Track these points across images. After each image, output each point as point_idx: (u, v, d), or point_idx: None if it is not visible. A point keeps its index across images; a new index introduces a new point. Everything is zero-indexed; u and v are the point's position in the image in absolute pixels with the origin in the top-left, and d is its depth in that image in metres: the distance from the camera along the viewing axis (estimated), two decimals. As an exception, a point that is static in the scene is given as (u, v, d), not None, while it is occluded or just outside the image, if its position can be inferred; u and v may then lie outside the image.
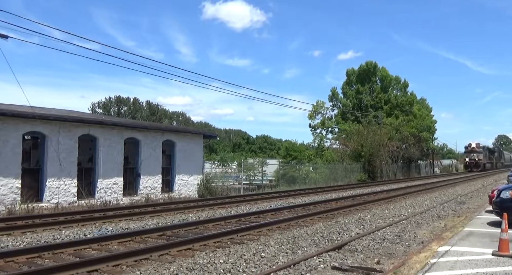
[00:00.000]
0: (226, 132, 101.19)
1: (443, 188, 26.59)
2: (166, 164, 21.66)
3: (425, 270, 6.53)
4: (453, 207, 16.13)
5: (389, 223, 11.74)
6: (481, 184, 30.68)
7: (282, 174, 35.06)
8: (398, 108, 55.69)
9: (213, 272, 6.61)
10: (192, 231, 10.44)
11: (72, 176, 16.78)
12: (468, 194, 21.85)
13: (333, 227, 10.93)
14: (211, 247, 8.57)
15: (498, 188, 12.29)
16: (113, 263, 7.04)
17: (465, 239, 9.09)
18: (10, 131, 14.92)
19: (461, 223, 11.69)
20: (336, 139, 49.92)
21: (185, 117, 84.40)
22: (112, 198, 18.18)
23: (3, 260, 7.19)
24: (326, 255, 7.64)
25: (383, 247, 8.63)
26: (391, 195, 20.74)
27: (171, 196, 20.70)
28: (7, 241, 9.00)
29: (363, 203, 16.97)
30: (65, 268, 6.50)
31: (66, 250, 8.08)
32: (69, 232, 10.08)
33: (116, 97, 72.22)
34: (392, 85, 58.03)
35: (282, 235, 9.85)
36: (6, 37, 12.71)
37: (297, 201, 17.15)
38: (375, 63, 57.11)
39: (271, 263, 7.14)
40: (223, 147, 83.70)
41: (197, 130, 28.33)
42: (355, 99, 56.29)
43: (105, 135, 18.25)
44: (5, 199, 14.53)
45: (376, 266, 7.08)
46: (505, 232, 7.66)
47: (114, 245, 8.80)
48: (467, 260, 7.16)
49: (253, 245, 8.59)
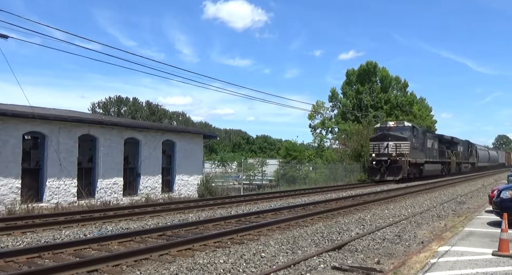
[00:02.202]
0: (226, 132, 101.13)
1: (443, 188, 26.58)
2: (166, 164, 21.65)
3: (425, 270, 6.53)
4: (453, 207, 16.13)
5: (389, 223, 11.74)
6: (481, 184, 30.68)
7: (282, 174, 35.07)
8: (398, 108, 55.73)
9: (213, 272, 6.61)
10: (192, 231, 10.43)
11: (72, 176, 16.77)
12: (468, 194, 21.84)
13: (333, 227, 10.93)
14: (211, 247, 8.56)
15: (498, 188, 12.30)
16: (113, 263, 7.04)
17: (465, 239, 9.09)
18: (10, 131, 14.91)
19: (461, 223, 11.68)
20: (336, 139, 49.96)
21: (185, 117, 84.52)
22: (112, 198, 18.18)
23: (3, 260, 7.19)
24: (326, 255, 7.64)
25: (383, 247, 8.63)
26: (391, 195, 20.74)
27: (171, 196, 20.70)
28: (7, 241, 9.00)
29: (363, 203, 16.97)
30: (65, 268, 6.50)
31: (66, 250, 8.08)
32: (69, 232, 10.07)
33: (116, 97, 72.30)
34: (392, 85, 58.10)
35: (282, 235, 9.85)
36: (6, 37, 12.70)
37: (297, 201, 17.15)
38: (375, 63, 57.17)
39: (271, 263, 7.14)
40: (223, 147, 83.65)
41: (197, 130, 28.33)
42: (355, 99, 56.33)
43: (105, 136, 18.24)
44: (5, 199, 14.53)
45: (376, 266, 7.08)
46: (505, 232, 7.66)
47: (114, 245, 8.80)
48: (467, 260, 7.16)
49: (253, 245, 8.59)
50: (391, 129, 33.02)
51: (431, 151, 38.06)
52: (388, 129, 33.10)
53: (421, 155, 34.75)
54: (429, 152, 37.11)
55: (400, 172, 30.65)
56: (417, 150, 33.71)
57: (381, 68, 57.26)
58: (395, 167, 30.80)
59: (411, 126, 33.62)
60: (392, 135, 31.87)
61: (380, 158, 31.25)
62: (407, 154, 31.13)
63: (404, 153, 31.06)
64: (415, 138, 33.33)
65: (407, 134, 32.16)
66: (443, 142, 42.97)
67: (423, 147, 35.48)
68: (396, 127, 33.20)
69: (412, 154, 32.25)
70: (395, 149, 31.25)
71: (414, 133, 33.31)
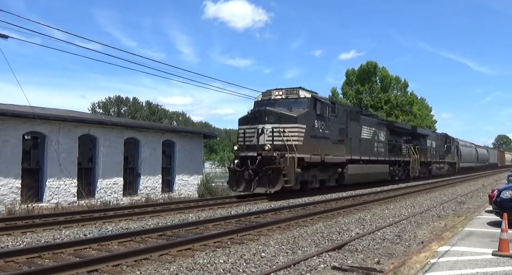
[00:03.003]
0: (226, 132, 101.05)
1: (443, 188, 26.58)
2: (166, 164, 21.66)
3: (425, 270, 6.53)
4: (453, 207, 16.13)
5: (389, 223, 11.74)
6: (481, 184, 30.68)
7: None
8: (398, 108, 55.80)
9: (213, 272, 6.61)
10: (192, 231, 10.43)
11: (72, 176, 16.78)
12: (468, 194, 21.85)
13: (333, 227, 10.93)
14: (211, 247, 8.56)
15: (498, 187, 12.29)
16: (113, 263, 7.03)
17: (465, 239, 9.09)
18: (10, 131, 14.92)
19: (461, 223, 11.68)
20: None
21: (185, 117, 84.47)
22: (112, 198, 18.18)
23: (3, 260, 7.19)
24: (326, 255, 7.64)
25: (383, 247, 8.63)
26: (391, 195, 20.74)
27: (171, 196, 20.70)
28: (7, 241, 8.99)
29: (363, 203, 16.96)
30: (65, 268, 6.50)
31: (66, 250, 8.07)
32: (69, 232, 10.07)
33: (116, 97, 72.26)
34: (392, 85, 58.15)
35: (282, 235, 9.85)
36: (6, 37, 12.71)
37: (297, 201, 17.14)
38: (375, 63, 57.25)
39: (271, 263, 7.14)
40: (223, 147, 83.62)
41: (197, 130, 28.35)
42: (355, 99, 56.39)
43: (105, 136, 18.25)
44: (5, 199, 14.54)
45: (376, 266, 7.08)
46: (505, 232, 7.66)
47: (114, 245, 8.80)
48: (467, 260, 7.16)
49: (253, 245, 8.59)
50: (275, 103, 19.10)
51: (368, 144, 25.02)
52: (269, 103, 19.17)
53: (337, 148, 20.80)
54: (364, 145, 24.12)
55: (278, 180, 17.13)
56: (325, 141, 19.79)
57: (381, 68, 57.34)
58: (267, 170, 17.28)
59: (311, 98, 19.03)
60: (273, 114, 18.02)
61: (247, 154, 18.07)
62: (295, 146, 17.55)
63: (287, 145, 17.42)
64: (320, 118, 19.50)
65: (300, 111, 18.39)
66: (396, 132, 30.48)
67: (344, 136, 21.64)
68: (284, 99, 19.21)
69: (310, 146, 18.55)
70: (272, 138, 17.65)
71: (319, 110, 19.45)
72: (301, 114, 18.38)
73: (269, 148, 17.58)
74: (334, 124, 20.93)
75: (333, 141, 20.77)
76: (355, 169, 22.94)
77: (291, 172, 17.47)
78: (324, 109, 20.20)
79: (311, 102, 19.16)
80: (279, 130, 17.72)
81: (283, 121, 17.90)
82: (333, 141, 20.77)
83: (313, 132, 19.09)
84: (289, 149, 17.52)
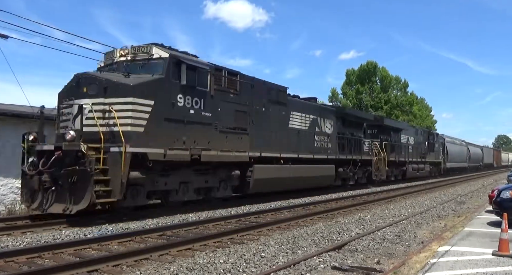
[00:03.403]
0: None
1: (443, 188, 26.59)
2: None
3: (425, 270, 6.53)
4: (453, 207, 16.13)
5: (389, 223, 11.75)
6: (481, 184, 30.69)
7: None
8: (398, 108, 55.80)
9: (213, 272, 6.61)
10: (192, 231, 10.43)
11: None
12: (468, 194, 21.86)
13: (333, 227, 10.93)
14: (211, 247, 8.57)
15: (498, 187, 12.29)
16: (113, 263, 7.04)
17: (465, 239, 9.09)
18: (10, 132, 14.90)
19: (461, 223, 11.69)
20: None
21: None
22: (112, 198, 18.12)
23: (3, 260, 7.18)
24: (326, 255, 7.64)
25: (383, 247, 8.64)
26: (391, 195, 20.76)
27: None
28: (7, 241, 8.99)
29: (363, 203, 16.98)
30: (65, 268, 6.50)
31: (66, 250, 8.07)
32: (69, 232, 10.06)
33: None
34: (392, 85, 58.14)
35: (282, 235, 9.86)
36: (6, 37, 12.69)
37: (297, 201, 17.14)
38: (375, 63, 57.24)
39: (271, 263, 7.14)
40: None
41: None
42: (355, 99, 56.37)
43: (105, 136, 18.18)
44: (5, 199, 14.53)
45: (376, 266, 7.08)
46: (505, 232, 7.67)
47: (114, 245, 8.80)
48: (467, 260, 7.17)
49: (253, 245, 8.60)
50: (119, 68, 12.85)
51: (303, 137, 18.81)
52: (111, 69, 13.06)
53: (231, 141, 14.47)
54: (293, 138, 18.07)
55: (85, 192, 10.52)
56: (203, 128, 13.40)
57: (381, 68, 57.32)
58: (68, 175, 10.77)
59: (168, 58, 12.44)
60: (96, 82, 11.70)
61: (42, 147, 11.83)
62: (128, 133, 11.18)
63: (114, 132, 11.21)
64: (190, 92, 12.91)
65: (145, 78, 12.04)
66: (353, 123, 23.93)
67: (248, 123, 15.32)
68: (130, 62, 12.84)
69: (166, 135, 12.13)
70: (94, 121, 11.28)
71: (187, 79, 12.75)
72: (144, 83, 11.79)
73: (72, 137, 11.06)
74: (224, 104, 14.29)
75: (222, 129, 14.16)
76: (266, 171, 16.07)
77: (114, 176, 10.94)
78: (200, 78, 13.30)
79: (170, 65, 12.43)
80: (104, 108, 11.42)
81: (111, 93, 11.49)
82: (222, 129, 14.16)
83: (172, 112, 12.35)
84: (117, 139, 11.08)
